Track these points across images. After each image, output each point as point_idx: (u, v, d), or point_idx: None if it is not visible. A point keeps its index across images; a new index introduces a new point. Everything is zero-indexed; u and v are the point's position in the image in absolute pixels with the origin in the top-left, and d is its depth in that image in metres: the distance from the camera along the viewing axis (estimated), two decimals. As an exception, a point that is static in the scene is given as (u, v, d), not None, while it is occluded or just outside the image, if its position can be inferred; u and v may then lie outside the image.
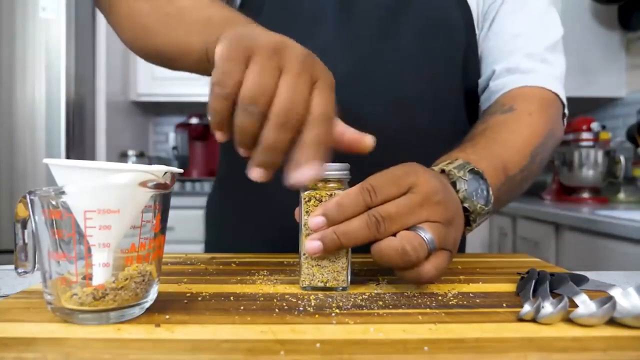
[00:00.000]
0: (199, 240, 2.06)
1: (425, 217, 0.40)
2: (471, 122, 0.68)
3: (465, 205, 0.46)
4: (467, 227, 0.48)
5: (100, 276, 0.33)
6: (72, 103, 1.85)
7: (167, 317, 0.34)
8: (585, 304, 0.34)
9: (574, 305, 0.35)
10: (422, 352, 0.28)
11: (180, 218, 2.02)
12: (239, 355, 0.28)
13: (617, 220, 1.26)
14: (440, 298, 0.40)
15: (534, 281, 0.41)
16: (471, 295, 0.41)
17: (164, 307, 0.37)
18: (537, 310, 0.34)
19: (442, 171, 0.48)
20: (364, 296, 0.40)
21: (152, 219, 0.34)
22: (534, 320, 0.34)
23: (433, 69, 0.65)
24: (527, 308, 0.34)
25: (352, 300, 0.39)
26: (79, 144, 1.92)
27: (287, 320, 0.34)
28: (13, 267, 0.38)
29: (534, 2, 0.67)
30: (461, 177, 0.47)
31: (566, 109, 0.68)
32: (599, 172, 1.87)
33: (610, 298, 0.33)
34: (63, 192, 0.32)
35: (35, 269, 0.36)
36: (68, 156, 1.82)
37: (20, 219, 0.36)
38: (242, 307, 0.37)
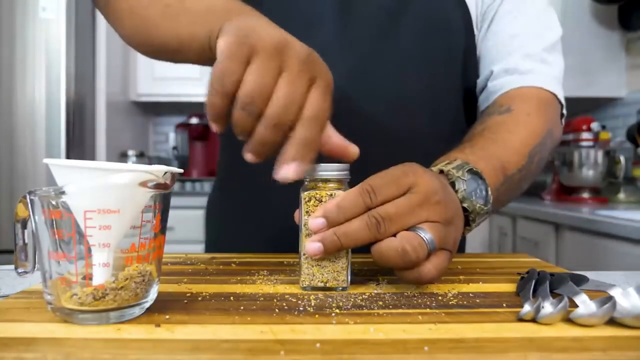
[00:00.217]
0: (199, 240, 2.06)
1: (425, 217, 0.40)
2: (470, 123, 0.68)
3: (464, 205, 0.46)
4: (466, 227, 0.48)
5: (100, 276, 0.33)
6: (72, 103, 1.85)
7: (167, 317, 0.34)
8: (585, 304, 0.34)
9: (574, 305, 0.35)
10: (422, 352, 0.28)
11: (180, 218, 2.02)
12: (239, 355, 0.28)
13: (617, 220, 1.26)
14: (440, 298, 0.40)
15: (534, 281, 0.41)
16: (471, 295, 0.41)
17: (164, 307, 0.37)
18: (537, 310, 0.34)
19: (440, 171, 0.48)
20: (364, 296, 0.40)
21: (152, 219, 0.34)
22: (534, 320, 0.34)
23: (432, 70, 0.65)
24: (527, 308, 0.34)
25: (352, 300, 0.39)
26: (79, 144, 1.92)
27: (287, 320, 0.34)
28: (13, 267, 0.38)
29: (533, 2, 0.67)
30: (460, 177, 0.47)
31: (564, 109, 0.68)
32: (599, 172, 1.87)
33: (610, 298, 0.33)
34: (63, 192, 0.32)
35: (35, 269, 0.36)
36: (68, 156, 1.82)
37: (20, 219, 0.36)
38: (242, 307, 0.37)
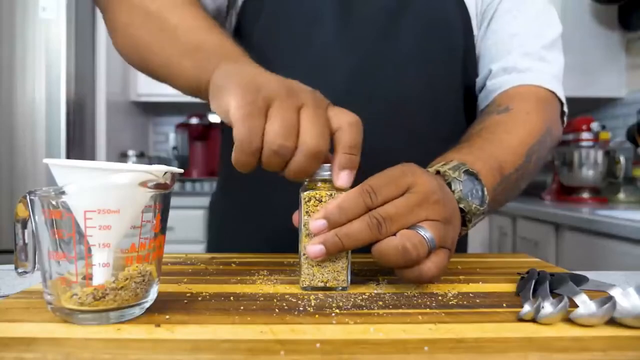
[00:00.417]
0: (199, 240, 2.06)
1: (425, 216, 0.40)
2: (470, 122, 0.68)
3: (461, 205, 0.46)
4: (462, 227, 0.48)
5: (100, 276, 0.33)
6: (72, 103, 1.85)
7: (167, 317, 0.34)
8: (585, 304, 0.34)
9: (574, 305, 0.35)
10: (422, 352, 0.28)
11: (180, 218, 2.02)
12: (239, 355, 0.28)
13: (616, 220, 1.26)
14: (440, 298, 0.40)
15: (534, 281, 0.41)
16: (471, 295, 0.41)
17: (164, 307, 0.37)
18: (537, 310, 0.34)
19: (437, 172, 0.48)
20: (364, 296, 0.40)
21: (152, 219, 0.34)
22: (534, 320, 0.34)
23: (432, 70, 0.65)
24: (527, 308, 0.34)
25: (352, 300, 0.39)
26: (79, 144, 1.92)
27: (287, 320, 0.34)
28: (13, 267, 0.38)
29: (533, 1, 0.67)
30: (456, 178, 0.47)
31: (565, 107, 0.67)
32: (598, 172, 1.87)
33: (610, 298, 0.33)
34: (63, 192, 0.32)
35: (35, 269, 0.36)
36: (68, 156, 1.82)
37: (20, 219, 0.36)
38: (242, 307, 0.37)
